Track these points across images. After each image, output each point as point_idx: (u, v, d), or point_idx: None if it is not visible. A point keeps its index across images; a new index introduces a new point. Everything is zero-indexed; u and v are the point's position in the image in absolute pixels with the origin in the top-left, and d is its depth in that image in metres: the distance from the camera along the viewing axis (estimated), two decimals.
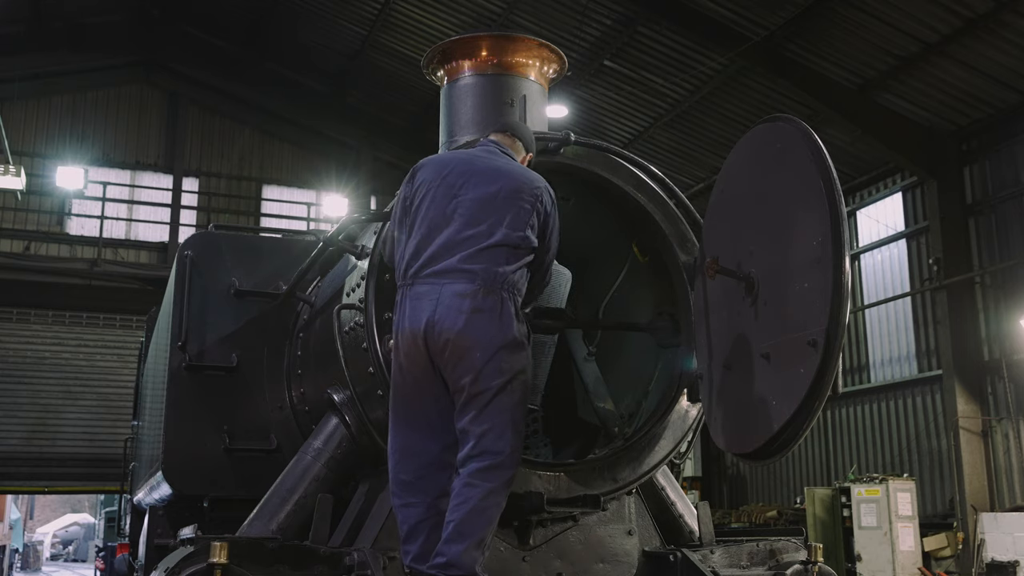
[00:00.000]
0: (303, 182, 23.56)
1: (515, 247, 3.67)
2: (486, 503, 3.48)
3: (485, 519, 3.48)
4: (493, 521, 3.53)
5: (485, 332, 3.54)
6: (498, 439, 3.52)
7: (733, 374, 3.81)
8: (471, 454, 3.52)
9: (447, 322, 3.55)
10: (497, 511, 3.54)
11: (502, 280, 3.61)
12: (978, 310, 15.09)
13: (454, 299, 3.56)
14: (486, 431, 3.53)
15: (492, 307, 3.57)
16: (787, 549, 4.31)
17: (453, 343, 3.54)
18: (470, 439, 3.54)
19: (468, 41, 4.63)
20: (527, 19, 16.44)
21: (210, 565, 3.34)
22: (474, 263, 3.61)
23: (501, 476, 3.54)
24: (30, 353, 19.87)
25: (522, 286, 3.71)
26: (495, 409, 3.54)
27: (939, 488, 15.48)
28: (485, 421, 3.53)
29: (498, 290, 3.59)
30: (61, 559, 44.63)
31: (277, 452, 5.01)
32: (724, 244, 3.95)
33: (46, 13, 20.33)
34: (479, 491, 3.48)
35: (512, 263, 3.66)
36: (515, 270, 3.66)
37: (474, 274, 3.58)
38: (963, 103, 14.70)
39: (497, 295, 3.59)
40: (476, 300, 3.56)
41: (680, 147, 18.22)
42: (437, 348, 3.56)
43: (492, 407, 3.54)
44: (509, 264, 3.65)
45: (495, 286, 3.59)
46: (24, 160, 19.82)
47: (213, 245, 5.39)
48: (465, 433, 3.55)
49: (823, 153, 3.47)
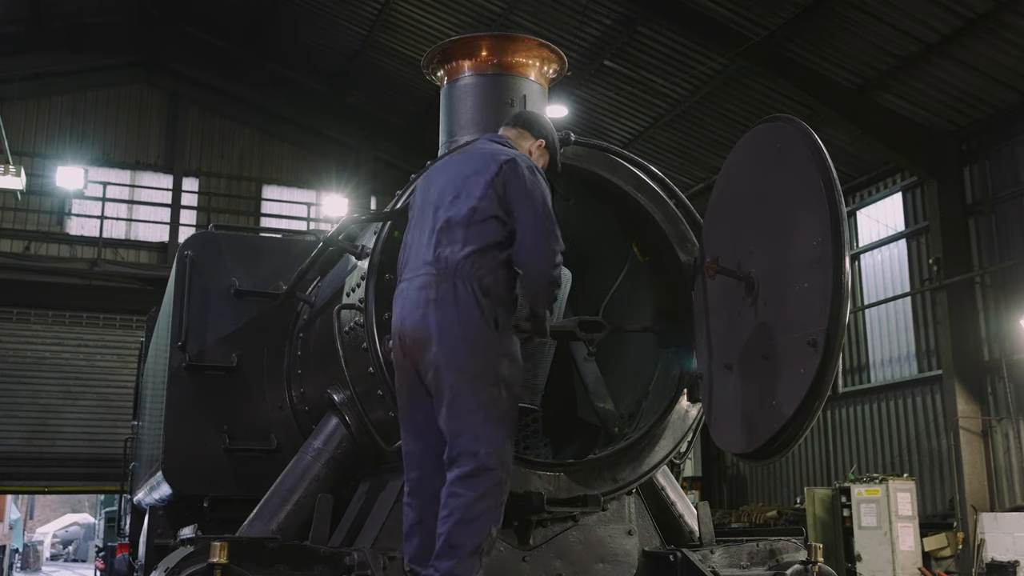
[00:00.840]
0: (303, 182, 23.56)
1: (466, 224, 3.56)
2: (474, 512, 3.37)
3: (475, 529, 3.37)
4: (486, 529, 3.41)
5: (439, 323, 3.48)
6: (474, 439, 3.42)
7: (733, 374, 3.81)
8: (451, 455, 3.46)
9: (408, 317, 3.55)
10: (490, 518, 3.42)
11: (454, 266, 3.52)
12: (978, 310, 15.09)
13: (416, 293, 3.56)
14: (459, 430, 3.45)
15: (444, 296, 3.49)
16: (787, 549, 4.31)
17: (412, 337, 3.53)
18: (447, 439, 3.49)
19: (468, 41, 4.63)
20: (527, 19, 16.44)
21: (210, 565, 3.34)
22: (431, 252, 3.58)
23: (485, 482, 3.40)
24: (30, 353, 19.86)
25: (488, 271, 3.53)
26: (464, 406, 3.44)
27: (939, 488, 15.47)
28: (455, 418, 3.45)
29: (450, 277, 3.51)
30: (61, 559, 44.61)
31: (277, 452, 5.02)
32: (724, 244, 3.96)
33: (46, 13, 20.32)
34: (463, 500, 3.38)
35: (466, 244, 3.53)
36: (470, 253, 3.52)
37: (430, 264, 3.56)
38: (963, 103, 14.70)
39: (449, 283, 3.50)
40: (430, 291, 3.52)
41: (680, 147, 18.22)
42: (407, 345, 3.57)
43: (460, 404, 3.45)
44: (464, 247, 3.53)
45: (447, 273, 3.52)
46: (24, 160, 19.82)
47: (213, 245, 5.40)
48: (443, 433, 3.51)
49: (823, 153, 3.47)
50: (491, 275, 3.54)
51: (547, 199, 3.63)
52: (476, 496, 3.39)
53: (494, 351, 3.50)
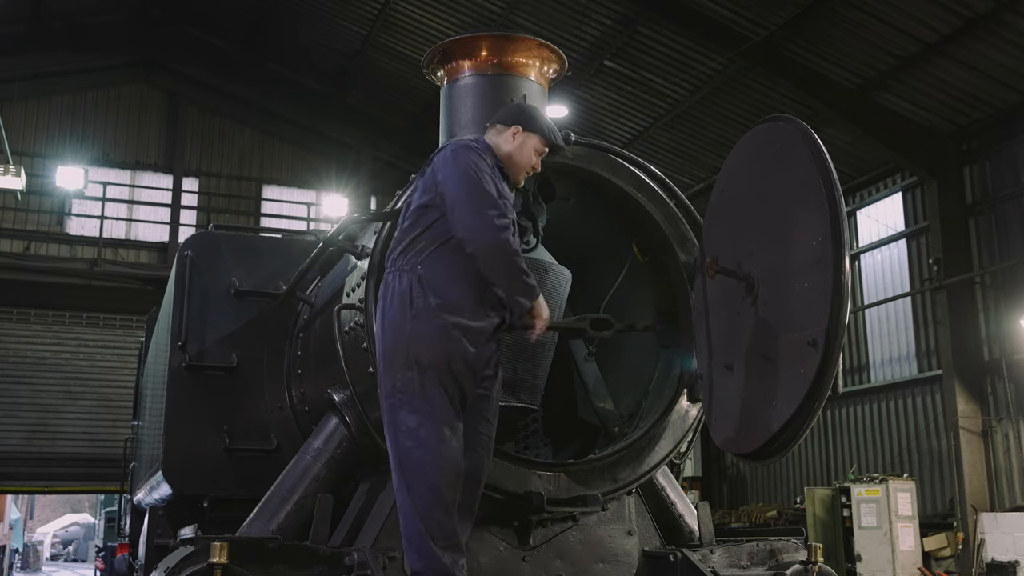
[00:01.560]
0: (303, 182, 23.56)
1: (402, 221, 3.72)
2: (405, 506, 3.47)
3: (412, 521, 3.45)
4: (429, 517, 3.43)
5: (377, 318, 3.65)
6: (395, 432, 3.52)
7: (733, 374, 3.81)
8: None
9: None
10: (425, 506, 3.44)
11: (390, 262, 3.68)
12: (978, 310, 15.09)
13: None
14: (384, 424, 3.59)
15: (382, 293, 3.66)
16: (787, 549, 4.31)
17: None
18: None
19: (468, 41, 4.63)
20: (527, 19, 16.44)
21: (210, 565, 3.34)
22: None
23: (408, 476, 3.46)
24: (30, 353, 19.85)
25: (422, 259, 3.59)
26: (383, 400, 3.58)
27: (939, 488, 15.47)
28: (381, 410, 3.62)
29: (386, 274, 3.68)
30: (61, 559, 44.60)
31: (277, 452, 5.01)
32: (724, 244, 3.96)
33: (46, 13, 20.32)
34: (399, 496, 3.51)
35: (401, 240, 3.68)
36: (404, 247, 3.65)
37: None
38: (963, 103, 14.70)
39: (384, 278, 3.68)
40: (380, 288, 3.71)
41: (680, 147, 18.22)
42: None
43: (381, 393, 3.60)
44: (399, 243, 3.68)
45: (387, 271, 3.68)
46: (24, 160, 19.81)
47: (213, 245, 5.39)
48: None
49: (823, 153, 3.47)
50: (426, 263, 3.60)
51: (475, 171, 3.60)
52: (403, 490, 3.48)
53: (405, 339, 3.53)
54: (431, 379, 3.50)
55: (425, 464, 3.45)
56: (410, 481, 3.45)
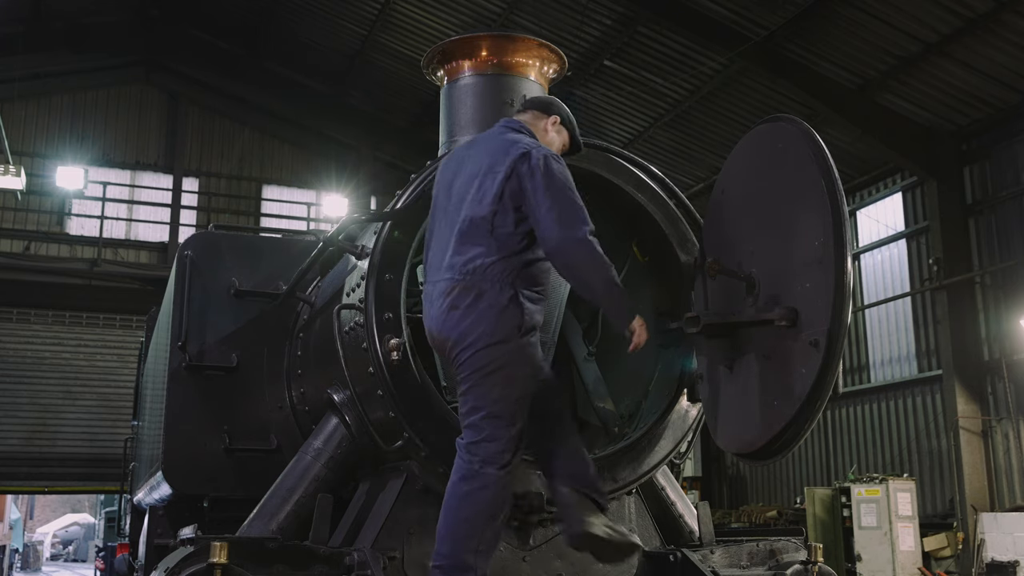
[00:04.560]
0: (303, 182, 23.56)
1: (490, 228, 3.54)
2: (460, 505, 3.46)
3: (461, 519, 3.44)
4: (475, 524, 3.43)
5: (456, 328, 3.51)
6: (475, 434, 3.49)
7: (733, 374, 3.80)
8: (459, 441, 3.55)
9: (432, 322, 3.62)
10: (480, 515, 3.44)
11: (481, 272, 3.52)
12: (978, 310, 15.09)
13: (437, 299, 3.60)
14: (466, 427, 3.52)
15: (470, 304, 3.50)
16: (787, 549, 4.31)
17: (436, 340, 3.63)
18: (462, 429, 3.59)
19: (468, 41, 4.62)
20: (527, 19, 16.44)
21: (210, 565, 3.34)
22: (454, 256, 3.59)
23: (474, 482, 3.44)
24: (30, 353, 19.85)
25: (513, 273, 3.52)
26: (470, 407, 3.50)
27: (939, 488, 15.47)
28: (465, 417, 3.53)
29: (476, 284, 3.51)
30: (61, 559, 44.60)
31: (277, 452, 5.01)
32: (724, 244, 3.95)
33: (46, 13, 20.32)
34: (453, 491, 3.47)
35: (490, 251, 3.52)
36: (495, 260, 3.52)
37: (453, 269, 3.57)
38: (963, 103, 14.70)
39: (473, 290, 3.51)
40: (452, 297, 3.54)
41: (680, 147, 18.22)
42: (436, 346, 3.69)
43: (467, 404, 3.51)
44: (489, 254, 3.52)
45: (474, 280, 3.52)
46: (24, 160, 19.81)
47: (213, 245, 5.39)
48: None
49: (825, 153, 3.47)
50: (522, 279, 3.54)
51: (564, 184, 3.53)
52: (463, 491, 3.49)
53: (507, 352, 3.49)
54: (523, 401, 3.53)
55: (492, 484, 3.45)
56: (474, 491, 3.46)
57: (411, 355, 3.92)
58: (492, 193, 3.56)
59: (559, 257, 3.48)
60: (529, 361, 3.55)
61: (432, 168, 4.23)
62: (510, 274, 3.53)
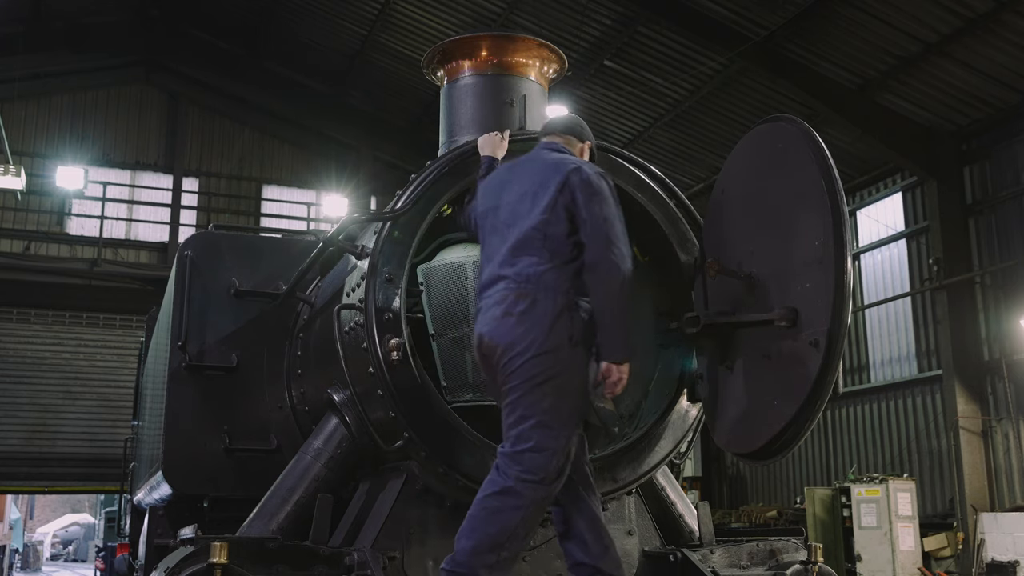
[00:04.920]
0: (303, 182, 23.56)
1: (543, 238, 3.57)
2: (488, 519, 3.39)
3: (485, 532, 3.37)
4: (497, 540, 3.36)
5: (508, 335, 3.49)
6: (521, 443, 3.41)
7: (733, 374, 3.80)
8: (501, 450, 3.48)
9: (483, 328, 3.59)
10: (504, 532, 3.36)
11: (535, 280, 3.53)
12: (978, 310, 15.09)
13: (492, 309, 3.58)
14: (512, 436, 3.44)
15: (524, 310, 3.49)
16: (787, 549, 4.31)
17: (486, 347, 3.57)
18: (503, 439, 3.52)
19: (468, 41, 4.63)
20: (527, 19, 16.44)
21: (210, 565, 3.34)
22: (507, 267, 3.60)
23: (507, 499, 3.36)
24: (30, 353, 19.85)
25: (569, 284, 3.54)
26: (518, 416, 3.43)
27: (939, 488, 15.47)
28: (512, 427, 3.46)
29: (531, 292, 3.52)
30: (61, 559, 44.60)
31: (277, 452, 5.01)
32: (724, 244, 3.95)
33: (46, 13, 20.32)
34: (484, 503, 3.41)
35: (543, 260, 3.55)
36: (549, 268, 3.54)
37: (507, 279, 3.58)
38: (963, 103, 14.70)
39: (528, 297, 3.51)
40: (506, 304, 3.53)
41: (680, 147, 18.22)
42: (481, 355, 3.61)
43: (515, 413, 3.45)
44: (542, 262, 3.55)
45: (527, 288, 3.53)
46: (24, 160, 19.80)
47: (213, 245, 5.39)
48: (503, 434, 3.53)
49: (825, 153, 3.47)
50: (572, 288, 3.55)
51: (612, 203, 3.61)
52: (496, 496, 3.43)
53: (559, 362, 3.47)
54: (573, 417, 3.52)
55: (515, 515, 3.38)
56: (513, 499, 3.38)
57: (411, 355, 3.92)
58: (544, 204, 3.60)
59: (594, 272, 3.51)
60: (580, 373, 3.52)
61: (432, 168, 4.24)
62: (564, 281, 3.54)
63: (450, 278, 4.26)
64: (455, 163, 4.24)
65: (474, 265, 4.21)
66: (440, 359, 4.25)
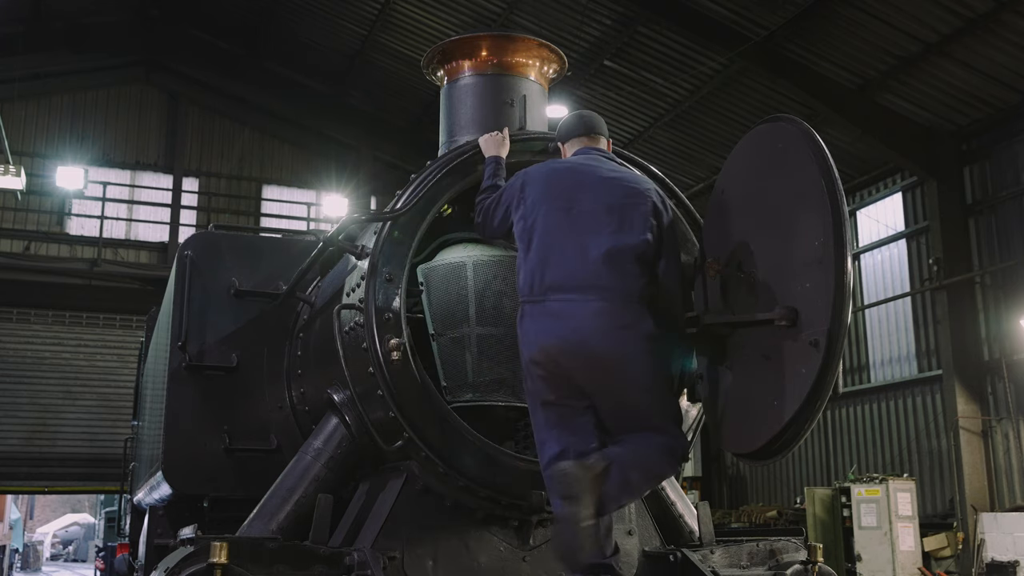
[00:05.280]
0: (303, 182, 23.57)
1: (641, 258, 3.70)
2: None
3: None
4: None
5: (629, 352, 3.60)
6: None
7: (733, 374, 3.80)
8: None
9: (594, 341, 3.58)
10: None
11: (638, 293, 3.65)
12: (978, 310, 15.10)
13: (595, 319, 3.59)
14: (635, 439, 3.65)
15: (632, 323, 3.61)
16: (787, 549, 4.30)
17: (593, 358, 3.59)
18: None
19: (468, 41, 4.62)
20: (527, 19, 16.45)
21: (210, 565, 3.33)
22: (607, 278, 3.64)
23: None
24: (30, 353, 19.86)
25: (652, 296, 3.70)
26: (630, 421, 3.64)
27: (939, 488, 15.48)
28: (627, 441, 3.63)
29: (634, 303, 3.63)
30: (61, 559, 44.62)
31: (277, 452, 5.00)
32: (724, 244, 3.95)
33: (46, 13, 20.33)
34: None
35: (641, 277, 3.68)
36: (646, 285, 3.68)
37: (612, 291, 3.62)
38: (963, 103, 14.70)
39: (634, 309, 3.63)
40: (616, 317, 3.60)
41: (680, 147, 18.22)
42: (578, 364, 3.60)
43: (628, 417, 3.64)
44: (641, 279, 3.68)
45: (631, 300, 3.63)
46: (24, 160, 19.81)
47: (213, 245, 5.38)
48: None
49: (825, 153, 3.46)
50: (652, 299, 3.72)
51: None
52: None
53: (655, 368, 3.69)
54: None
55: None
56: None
57: (411, 355, 3.92)
58: (640, 224, 3.75)
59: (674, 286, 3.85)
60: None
61: (432, 168, 4.23)
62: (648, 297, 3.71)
63: (450, 278, 4.25)
64: (455, 163, 4.23)
65: (474, 265, 4.20)
66: (440, 359, 4.24)
